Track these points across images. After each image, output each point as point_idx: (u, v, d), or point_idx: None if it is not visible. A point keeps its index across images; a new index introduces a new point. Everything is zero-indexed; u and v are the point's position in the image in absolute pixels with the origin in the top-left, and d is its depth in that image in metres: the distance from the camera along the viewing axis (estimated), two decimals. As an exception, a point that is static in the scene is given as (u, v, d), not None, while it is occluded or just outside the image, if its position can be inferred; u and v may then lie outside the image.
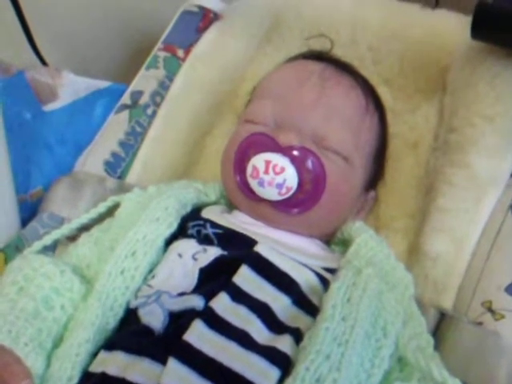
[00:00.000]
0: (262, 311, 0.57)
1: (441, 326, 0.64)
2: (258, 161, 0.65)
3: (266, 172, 0.64)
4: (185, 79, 0.88)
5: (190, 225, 0.66)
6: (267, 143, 0.66)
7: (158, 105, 0.86)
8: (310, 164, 0.65)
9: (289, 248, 0.65)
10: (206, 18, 0.94)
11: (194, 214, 0.69)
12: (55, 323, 0.59)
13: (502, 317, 0.61)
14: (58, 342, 0.59)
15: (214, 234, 0.64)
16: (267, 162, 0.64)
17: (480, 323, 0.62)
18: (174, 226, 0.65)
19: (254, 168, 0.65)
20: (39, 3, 0.99)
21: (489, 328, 0.61)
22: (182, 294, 0.59)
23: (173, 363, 0.52)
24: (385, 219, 0.79)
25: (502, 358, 0.59)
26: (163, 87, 0.87)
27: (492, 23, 0.69)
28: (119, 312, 0.60)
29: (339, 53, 0.83)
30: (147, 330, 0.56)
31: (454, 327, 0.63)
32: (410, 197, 0.78)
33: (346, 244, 0.68)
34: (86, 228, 0.71)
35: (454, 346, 0.62)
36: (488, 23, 0.69)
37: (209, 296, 0.57)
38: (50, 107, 0.89)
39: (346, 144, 0.69)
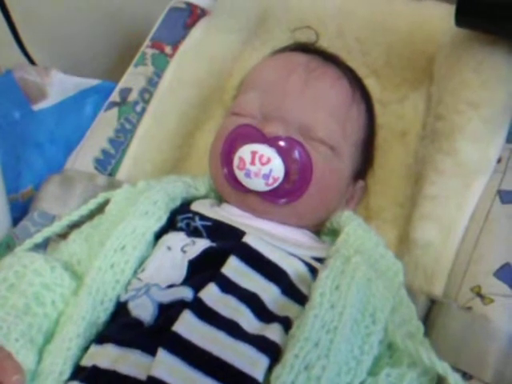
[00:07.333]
0: (251, 301, 0.57)
1: (431, 312, 0.64)
2: (245, 152, 0.65)
3: (253, 163, 0.64)
4: (173, 75, 0.88)
5: (179, 218, 0.67)
6: (253, 134, 0.66)
7: (146, 101, 0.86)
8: (296, 154, 0.65)
9: (277, 238, 0.65)
10: (193, 14, 0.94)
11: (184, 207, 0.69)
12: (46, 319, 0.59)
13: (491, 301, 0.62)
14: (49, 338, 0.59)
15: (203, 226, 0.65)
16: (253, 153, 0.64)
17: (469, 308, 0.62)
18: (164, 220, 0.66)
19: (241, 159, 0.65)
20: (26, 3, 0.99)
21: (478, 313, 0.61)
22: (171, 286, 0.59)
23: (162, 354, 0.52)
24: (375, 209, 0.79)
25: (491, 342, 0.59)
26: (152, 84, 0.88)
27: (476, 10, 0.69)
28: (110, 306, 0.60)
29: (327, 45, 0.83)
30: (137, 323, 0.56)
31: (444, 313, 0.63)
32: (400, 186, 0.79)
33: (335, 234, 0.68)
34: (76, 225, 0.72)
35: (445, 332, 0.62)
36: (472, 10, 0.69)
37: (198, 287, 0.57)
38: (39, 106, 0.89)
39: (332, 134, 0.69)
